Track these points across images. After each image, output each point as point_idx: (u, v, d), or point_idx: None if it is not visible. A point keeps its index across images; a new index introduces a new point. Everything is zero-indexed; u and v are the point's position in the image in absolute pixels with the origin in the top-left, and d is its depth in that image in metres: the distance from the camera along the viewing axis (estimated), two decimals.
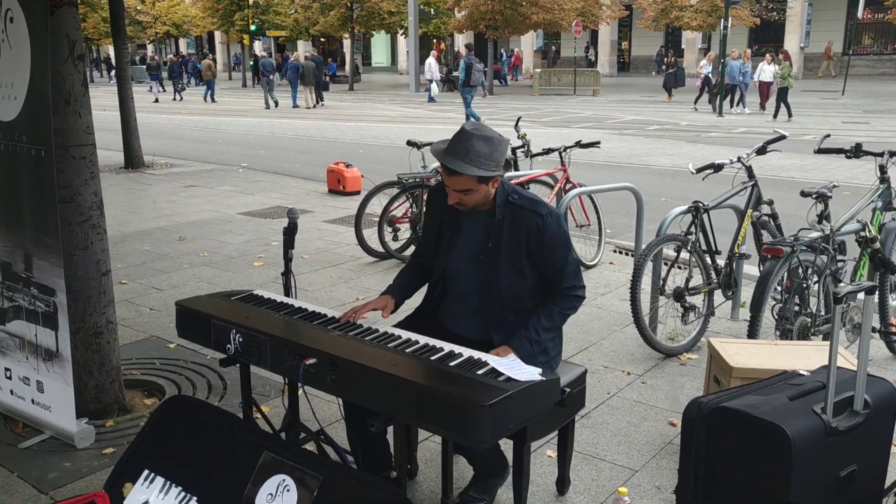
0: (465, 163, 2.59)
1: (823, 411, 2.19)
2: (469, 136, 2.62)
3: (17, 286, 3.69)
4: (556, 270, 2.81)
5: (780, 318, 4.08)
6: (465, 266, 2.86)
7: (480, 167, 2.61)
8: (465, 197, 2.71)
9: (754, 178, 5.05)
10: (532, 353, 2.69)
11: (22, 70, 3.43)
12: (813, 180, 10.81)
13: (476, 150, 2.60)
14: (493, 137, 2.64)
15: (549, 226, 2.74)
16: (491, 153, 2.62)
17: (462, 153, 2.61)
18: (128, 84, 11.80)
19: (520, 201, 2.78)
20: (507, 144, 2.73)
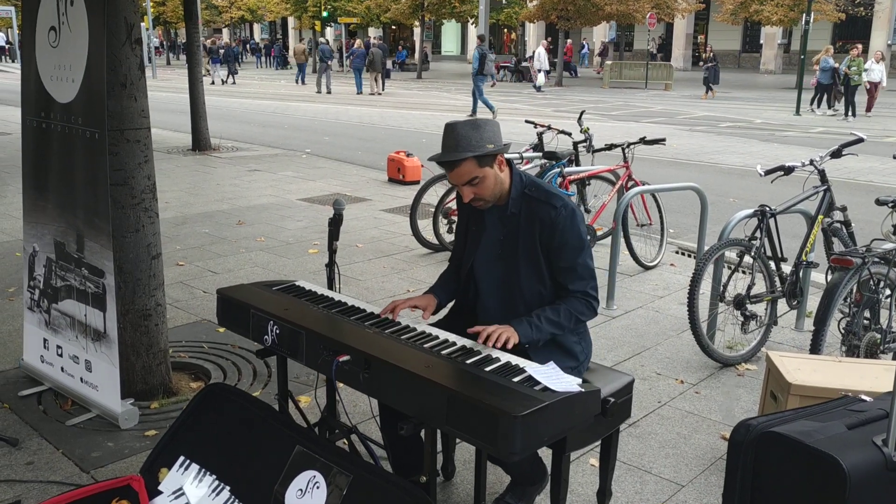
0: (457, 150, 2.58)
1: (885, 444, 2.02)
2: (453, 127, 2.62)
3: (70, 266, 3.75)
4: (565, 270, 2.68)
5: (847, 333, 3.86)
6: (489, 263, 2.78)
7: (472, 149, 2.57)
8: (476, 189, 2.65)
9: (827, 182, 4.80)
10: (529, 337, 2.57)
11: (80, 53, 3.47)
12: (892, 185, 10.30)
13: (463, 135, 2.58)
14: (477, 121, 2.64)
15: (562, 219, 2.63)
16: (480, 136, 2.59)
17: (452, 145, 2.60)
18: (198, 67, 12.01)
19: (535, 193, 2.70)
20: (497, 125, 2.67)
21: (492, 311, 2.79)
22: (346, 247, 6.72)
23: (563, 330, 2.68)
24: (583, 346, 2.80)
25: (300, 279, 5.71)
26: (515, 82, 34.52)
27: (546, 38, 36.99)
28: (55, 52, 3.62)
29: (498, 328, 2.53)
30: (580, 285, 2.68)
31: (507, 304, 2.75)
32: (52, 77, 3.66)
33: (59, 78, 3.61)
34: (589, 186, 6.88)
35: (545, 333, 2.63)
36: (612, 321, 5.13)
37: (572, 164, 6.79)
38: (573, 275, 2.69)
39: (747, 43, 41.77)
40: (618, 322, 5.12)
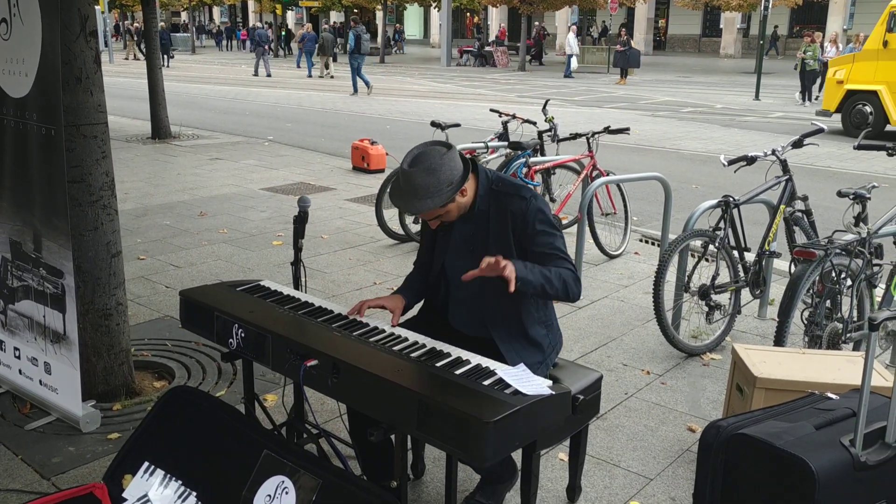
0: (417, 200, 2.54)
1: (852, 444, 2.05)
2: (409, 176, 2.54)
3: (27, 266, 3.64)
4: (543, 255, 2.65)
5: (810, 324, 3.91)
6: (460, 259, 2.76)
7: (434, 197, 2.53)
8: (444, 217, 2.66)
9: (789, 172, 4.85)
10: (523, 274, 2.50)
11: (33, 46, 3.34)
12: (850, 170, 10.49)
13: (422, 185, 2.52)
14: (432, 165, 2.53)
15: (533, 208, 2.64)
16: (438, 180, 2.52)
17: (411, 193, 2.55)
18: (156, 54, 11.75)
19: (503, 188, 2.70)
20: (453, 155, 2.57)
21: (464, 306, 2.77)
22: (311, 238, 6.64)
23: (551, 289, 2.59)
24: (550, 339, 2.79)
25: (264, 272, 5.69)
26: (479, 67, 34.43)
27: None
28: (7, 45, 3.48)
29: (500, 259, 2.45)
30: (565, 264, 2.66)
31: (479, 298, 2.73)
32: (4, 71, 3.52)
33: (11, 72, 3.48)
34: (554, 176, 6.89)
35: (537, 279, 2.55)
36: (578, 311, 5.15)
37: (537, 153, 6.79)
38: (552, 258, 2.66)
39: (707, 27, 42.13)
40: (584, 312, 5.14)
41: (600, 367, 4.20)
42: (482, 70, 32.74)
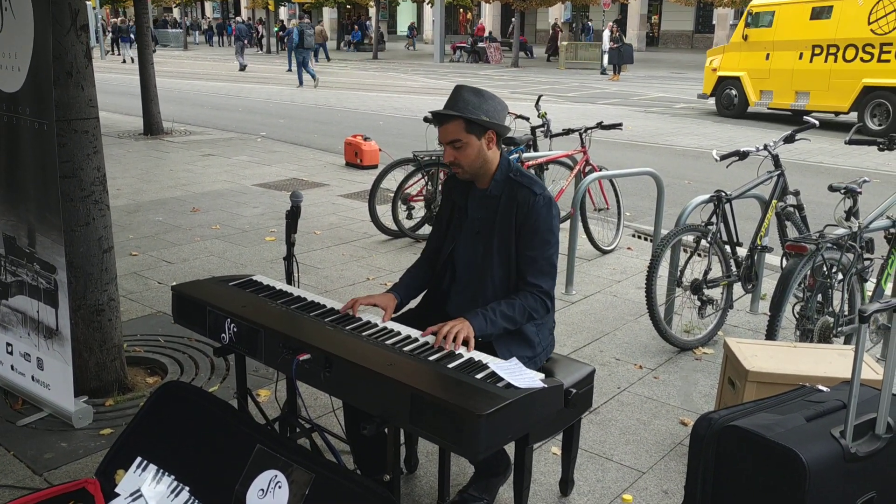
0: (452, 106, 2.63)
1: (843, 435, 2.06)
2: (459, 89, 2.67)
3: (21, 261, 3.63)
4: (529, 259, 2.69)
5: (801, 318, 3.93)
6: (468, 243, 2.80)
7: (466, 111, 2.61)
8: (457, 154, 2.67)
9: (781, 167, 4.87)
10: (484, 331, 2.58)
11: (25, 40, 3.33)
12: (842, 166, 10.53)
13: (464, 98, 2.63)
14: (483, 91, 2.67)
15: (539, 206, 2.67)
16: (480, 103, 2.64)
17: (451, 104, 2.65)
18: (148, 49, 11.70)
19: (519, 178, 2.74)
20: (503, 104, 2.72)
21: (464, 294, 2.80)
22: (305, 234, 6.64)
23: (517, 325, 2.69)
24: (540, 338, 2.80)
25: (257, 268, 5.68)
26: (472, 63, 34.41)
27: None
28: None
29: (454, 326, 2.51)
30: (540, 279, 2.69)
31: (477, 286, 2.76)
32: None
33: (3, 66, 3.46)
34: (547, 171, 6.90)
35: (498, 328, 2.64)
36: (570, 306, 5.16)
37: (530, 149, 6.79)
38: (535, 266, 2.69)
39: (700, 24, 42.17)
40: (577, 307, 5.15)
41: (593, 362, 4.21)
42: (475, 66, 32.73)
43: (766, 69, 15.11)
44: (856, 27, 13.49)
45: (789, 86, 14.66)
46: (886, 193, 4.52)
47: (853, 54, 13.56)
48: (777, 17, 14.84)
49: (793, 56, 14.54)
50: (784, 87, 14.77)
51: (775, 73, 14.92)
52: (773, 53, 14.96)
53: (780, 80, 14.84)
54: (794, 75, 14.55)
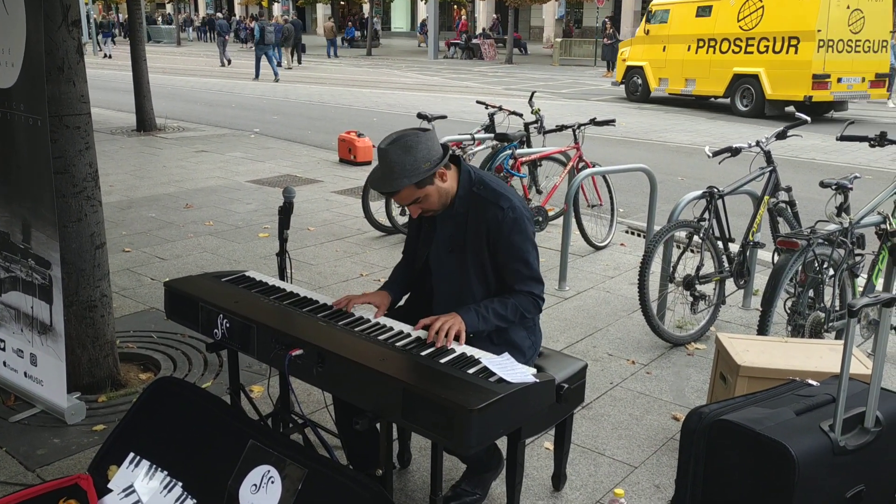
0: (393, 178, 2.53)
1: (831, 429, 2.08)
2: (385, 154, 2.55)
3: (15, 257, 3.62)
4: (511, 271, 2.67)
5: (793, 313, 3.95)
6: (441, 258, 2.78)
7: (409, 175, 2.52)
8: (422, 206, 2.64)
9: (773, 163, 4.88)
10: (476, 327, 2.57)
11: (18, 35, 3.32)
12: (834, 162, 10.57)
13: (396, 162, 2.52)
14: (408, 143, 2.54)
15: (509, 220, 2.61)
16: (414, 158, 2.53)
17: (387, 173, 2.55)
18: (141, 45, 11.66)
19: (484, 192, 2.66)
20: (430, 135, 2.60)
21: (445, 303, 2.78)
22: (298, 230, 6.64)
23: (509, 323, 2.68)
24: (532, 341, 2.81)
25: (250, 265, 5.68)
26: (466, 59, 34.39)
27: (496, 14, 37.06)
28: None
29: (446, 321, 2.51)
30: (529, 286, 2.69)
31: (458, 298, 2.74)
32: None
33: None
34: (540, 167, 6.91)
35: (491, 325, 2.64)
36: (563, 302, 5.17)
37: (524, 145, 6.80)
38: (520, 276, 2.68)
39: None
40: (570, 303, 5.17)
41: (586, 357, 4.22)
42: (469, 63, 32.71)
43: (663, 59, 17.45)
44: (728, 24, 15.80)
45: (680, 74, 17.03)
46: (877, 189, 4.54)
47: (727, 47, 15.89)
48: (671, 15, 17.10)
49: (683, 48, 16.87)
50: (677, 74, 17.14)
51: (670, 62, 17.25)
52: (668, 46, 17.24)
53: (674, 69, 17.18)
54: (683, 65, 16.92)
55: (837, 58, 14.60)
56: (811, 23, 14.31)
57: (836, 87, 14.70)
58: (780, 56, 14.93)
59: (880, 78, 15.51)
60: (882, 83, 15.66)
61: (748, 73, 15.44)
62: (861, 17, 14.80)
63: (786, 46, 14.83)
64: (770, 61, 15.05)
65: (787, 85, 14.75)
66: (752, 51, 15.40)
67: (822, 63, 14.36)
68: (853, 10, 14.64)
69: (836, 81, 14.65)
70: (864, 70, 15.17)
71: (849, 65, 14.82)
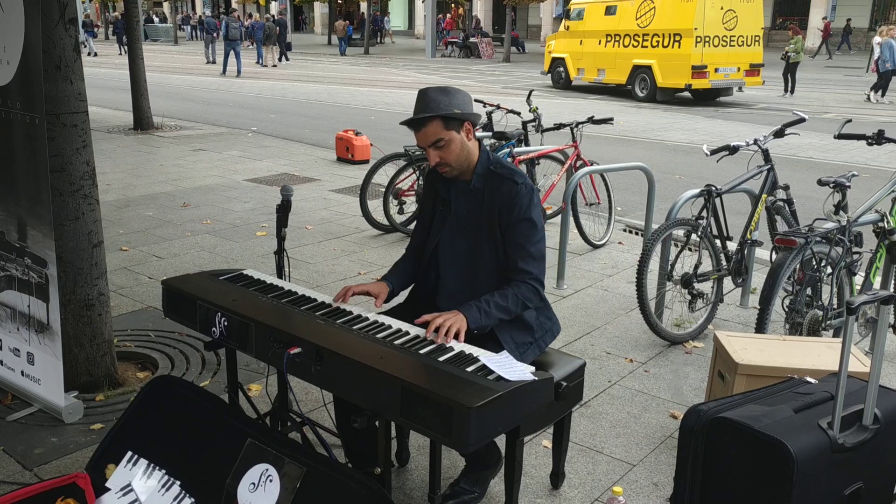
0: (424, 110, 2.63)
1: (830, 426, 2.08)
2: (425, 92, 2.67)
3: (11, 255, 3.61)
4: (518, 247, 2.70)
5: (791, 311, 3.95)
6: (454, 238, 2.80)
7: (440, 109, 2.62)
8: (442, 153, 2.68)
9: (770, 161, 4.89)
10: (478, 323, 2.58)
11: (15, 33, 3.31)
12: (832, 161, 10.57)
13: (433, 98, 2.64)
14: (448, 88, 2.69)
15: (522, 195, 2.68)
16: (449, 100, 2.64)
17: (421, 107, 2.65)
18: (138, 44, 11.64)
19: (500, 170, 2.75)
20: (469, 95, 2.73)
21: (453, 289, 2.79)
22: (296, 229, 6.63)
23: (511, 315, 2.69)
24: (540, 321, 2.82)
25: (248, 263, 5.68)
26: (463, 58, 34.37)
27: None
28: None
29: (447, 318, 2.51)
30: (530, 265, 2.69)
31: (469, 280, 2.76)
32: None
33: None
34: (538, 166, 6.90)
35: (493, 319, 2.64)
36: (562, 301, 5.17)
37: (522, 143, 6.79)
38: (524, 252, 2.70)
39: None
40: (568, 301, 5.16)
41: (584, 356, 4.22)
42: (467, 61, 32.69)
43: (580, 52, 20.08)
44: (629, 22, 18.41)
45: (594, 65, 19.67)
46: (875, 188, 4.54)
47: (628, 42, 18.50)
48: (586, 13, 19.77)
49: (595, 42, 19.46)
50: (591, 65, 19.80)
51: (585, 55, 19.89)
52: (584, 40, 19.86)
53: (588, 61, 19.81)
54: (596, 57, 19.54)
55: (714, 51, 17.05)
56: (690, 22, 16.80)
57: (714, 76, 17.23)
58: (667, 50, 17.48)
59: (754, 67, 17.82)
60: (756, 72, 17.96)
61: (644, 64, 18.05)
62: (734, 16, 17.24)
63: (671, 42, 17.37)
64: (660, 54, 17.62)
65: (674, 75, 17.34)
66: (647, 45, 18.01)
67: (699, 56, 16.89)
68: (727, 10, 17.05)
69: (714, 71, 17.15)
70: (739, 61, 17.56)
71: (724, 57, 17.25)
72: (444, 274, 2.85)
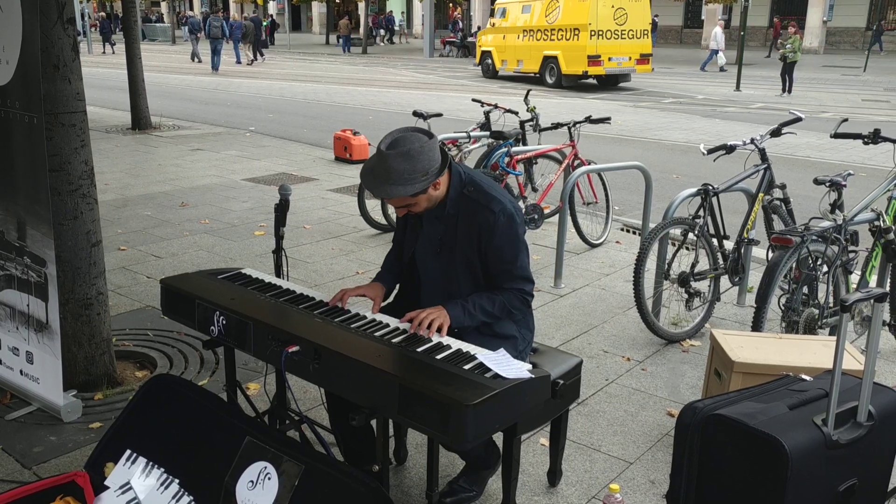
0: (389, 185, 2.47)
1: (824, 423, 2.09)
2: (385, 158, 2.47)
3: (10, 255, 3.62)
4: (502, 272, 2.67)
5: (787, 310, 3.96)
6: (429, 258, 2.78)
7: (406, 184, 2.47)
8: (411, 209, 2.62)
9: (767, 160, 4.90)
10: (461, 322, 2.58)
11: (13, 32, 3.31)
12: (829, 160, 10.59)
13: (395, 170, 2.46)
14: (410, 151, 2.46)
15: (501, 224, 2.59)
16: (413, 168, 2.46)
17: (384, 177, 2.48)
18: (136, 44, 11.63)
19: (475, 195, 2.63)
20: (431, 143, 2.51)
21: (433, 297, 2.79)
22: (294, 228, 6.64)
23: (495, 320, 2.69)
24: (522, 333, 2.80)
25: (246, 263, 5.69)
26: (461, 57, 34.36)
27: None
28: None
29: (430, 313, 2.52)
30: (519, 284, 2.69)
31: (446, 293, 2.74)
32: None
33: None
34: (536, 165, 6.92)
35: (476, 321, 2.64)
36: (559, 300, 5.18)
37: (519, 143, 6.81)
38: (511, 275, 2.69)
39: (689, 19, 42.23)
40: (565, 300, 5.18)
41: (581, 354, 4.24)
42: (465, 60, 32.68)
43: (503, 45, 23.06)
44: (540, 19, 21.39)
45: (514, 56, 22.59)
46: (871, 187, 4.56)
47: (539, 36, 21.41)
48: (507, 11, 22.79)
49: (514, 37, 22.43)
50: (512, 57, 22.75)
51: (507, 48, 22.86)
52: (506, 35, 22.83)
53: (510, 53, 22.80)
54: (515, 50, 22.47)
55: (607, 43, 20.03)
56: (585, 18, 19.85)
57: (608, 64, 20.26)
58: (569, 42, 20.45)
59: (644, 57, 20.91)
60: (646, 61, 21.06)
61: (552, 55, 21.02)
62: (624, 13, 20.28)
63: (572, 35, 20.33)
64: (564, 46, 20.60)
65: (574, 63, 20.33)
66: (554, 39, 20.95)
67: (594, 47, 19.86)
68: (617, 8, 20.08)
69: (608, 60, 20.17)
70: (630, 52, 20.59)
71: (617, 48, 20.28)
72: (424, 284, 2.83)
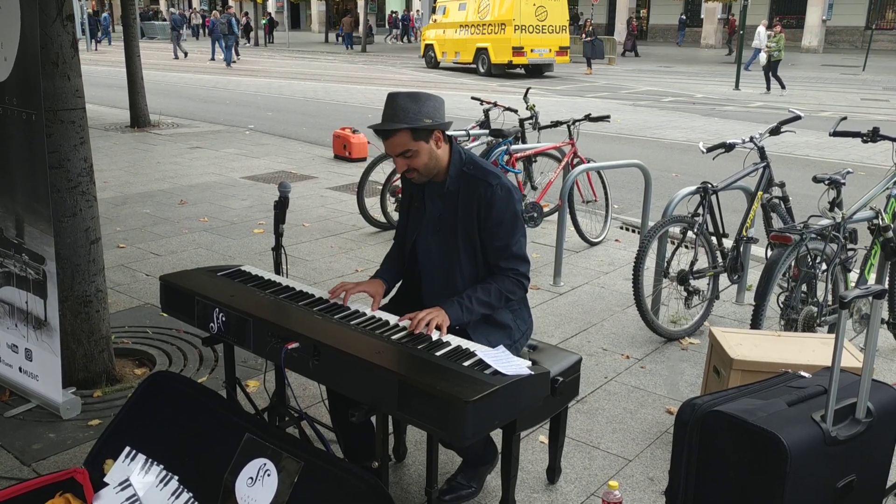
0: (392, 120, 2.57)
1: (823, 419, 2.09)
2: (394, 98, 2.60)
3: (9, 252, 3.62)
4: (498, 249, 2.69)
5: (786, 308, 3.97)
6: (429, 239, 2.79)
7: (408, 121, 2.55)
8: (409, 161, 2.64)
9: (766, 159, 4.91)
10: (460, 319, 2.59)
11: (12, 29, 3.31)
12: (828, 159, 10.60)
13: (402, 107, 2.57)
14: (419, 94, 2.61)
15: (498, 197, 2.64)
16: (419, 108, 2.57)
17: (390, 115, 2.59)
18: (135, 41, 11.62)
19: (473, 171, 2.70)
20: (440, 100, 2.66)
21: (434, 287, 2.79)
22: (293, 226, 6.64)
23: (494, 310, 2.70)
24: (517, 323, 2.81)
25: (245, 260, 5.69)
26: None
27: None
28: None
29: (428, 314, 2.53)
30: (514, 264, 2.70)
31: (447, 281, 2.75)
32: None
33: None
34: (535, 163, 6.92)
35: (475, 314, 2.65)
36: (558, 298, 5.19)
37: (519, 141, 6.81)
38: (506, 253, 2.70)
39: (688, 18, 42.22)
40: (564, 298, 5.18)
41: (581, 352, 4.24)
42: None
43: (443, 39, 25.88)
44: (474, 15, 24.18)
45: (453, 49, 25.39)
46: (870, 185, 4.56)
47: (473, 31, 24.24)
48: (447, 8, 25.56)
49: (453, 31, 25.27)
50: (451, 49, 25.50)
51: (447, 41, 25.69)
52: (445, 30, 25.69)
53: (449, 46, 25.57)
54: (454, 43, 25.23)
55: (529, 37, 22.88)
56: (510, 15, 22.64)
57: (531, 55, 23.15)
58: (497, 36, 23.25)
59: (563, 49, 23.84)
60: (565, 53, 24.02)
61: (483, 46, 23.82)
62: (545, 10, 23.17)
63: (499, 30, 23.10)
64: (493, 39, 23.42)
65: (501, 54, 23.19)
66: (485, 32, 23.77)
67: (518, 40, 22.67)
68: (538, 6, 22.96)
69: (530, 51, 23.09)
70: (550, 44, 23.52)
71: (538, 41, 23.17)
72: (423, 273, 2.85)
